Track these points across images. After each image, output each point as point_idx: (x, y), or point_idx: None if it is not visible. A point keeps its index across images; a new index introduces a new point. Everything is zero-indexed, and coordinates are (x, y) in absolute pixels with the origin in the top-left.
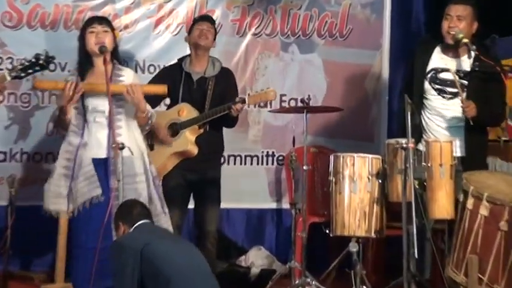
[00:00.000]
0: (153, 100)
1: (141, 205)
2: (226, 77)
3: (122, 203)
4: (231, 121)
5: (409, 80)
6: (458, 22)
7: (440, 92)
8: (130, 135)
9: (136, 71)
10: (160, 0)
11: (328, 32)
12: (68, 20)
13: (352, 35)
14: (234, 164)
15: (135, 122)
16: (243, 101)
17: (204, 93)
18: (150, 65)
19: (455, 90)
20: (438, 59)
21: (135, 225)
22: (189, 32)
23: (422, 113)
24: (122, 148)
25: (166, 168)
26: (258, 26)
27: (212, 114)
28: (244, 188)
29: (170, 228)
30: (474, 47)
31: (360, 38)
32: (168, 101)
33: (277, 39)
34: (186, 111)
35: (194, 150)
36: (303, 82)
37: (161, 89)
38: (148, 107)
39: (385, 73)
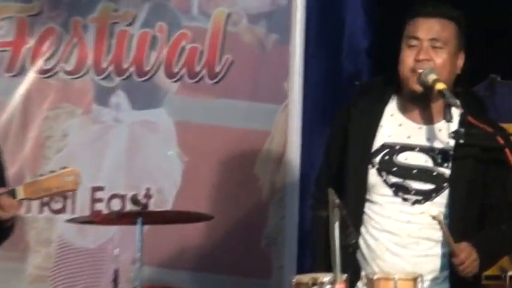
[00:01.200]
0: None
1: None
2: None
3: None
4: None
5: (338, 164)
6: (434, 52)
7: (398, 190)
8: None
9: None
10: None
11: (186, 68)
12: None
13: (232, 74)
14: None
15: None
16: (12, 193)
17: None
18: None
19: (428, 186)
20: (394, 126)
21: None
22: None
23: (363, 228)
24: None
25: None
26: (51, 57)
27: None
28: None
29: None
30: (457, 101)
31: (248, 79)
32: None
33: (87, 82)
34: None
35: None
36: (136, 164)
37: None
38: None
39: (294, 149)
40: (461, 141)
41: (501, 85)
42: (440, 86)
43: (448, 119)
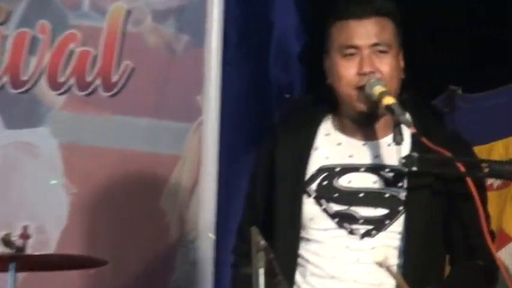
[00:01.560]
0: None
1: None
2: None
3: None
4: None
5: (265, 206)
6: (378, 60)
7: (343, 220)
8: None
9: None
10: None
11: (76, 78)
12: None
13: (133, 85)
14: None
15: None
16: None
17: None
18: None
19: (380, 212)
20: (331, 146)
21: None
22: None
23: (299, 276)
24: None
25: None
26: None
27: None
28: None
29: None
30: (408, 117)
31: (153, 91)
32: None
33: None
34: None
35: None
36: (10, 196)
37: None
38: None
39: (210, 178)
40: (414, 168)
41: (461, 99)
42: (388, 100)
43: (398, 141)
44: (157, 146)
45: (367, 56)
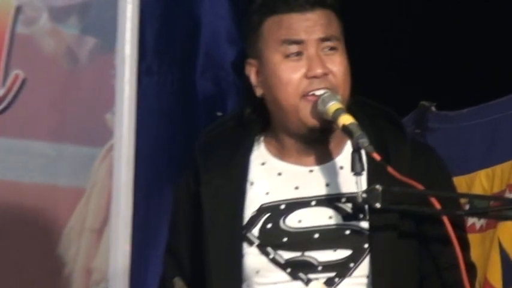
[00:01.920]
0: None
1: None
2: None
3: None
4: None
5: (191, 247)
6: (328, 59)
7: (297, 269)
8: None
9: None
10: None
11: None
12: None
13: (24, 100)
14: None
15: None
16: None
17: None
18: None
19: (342, 253)
20: (271, 178)
21: None
22: None
23: None
24: None
25: None
26: None
27: None
28: None
29: None
30: (365, 140)
31: (50, 108)
32: None
33: None
34: None
35: None
36: None
37: None
38: None
39: (123, 216)
40: (377, 205)
41: (436, 117)
42: (345, 119)
43: (358, 171)
44: (56, 176)
45: (315, 54)
